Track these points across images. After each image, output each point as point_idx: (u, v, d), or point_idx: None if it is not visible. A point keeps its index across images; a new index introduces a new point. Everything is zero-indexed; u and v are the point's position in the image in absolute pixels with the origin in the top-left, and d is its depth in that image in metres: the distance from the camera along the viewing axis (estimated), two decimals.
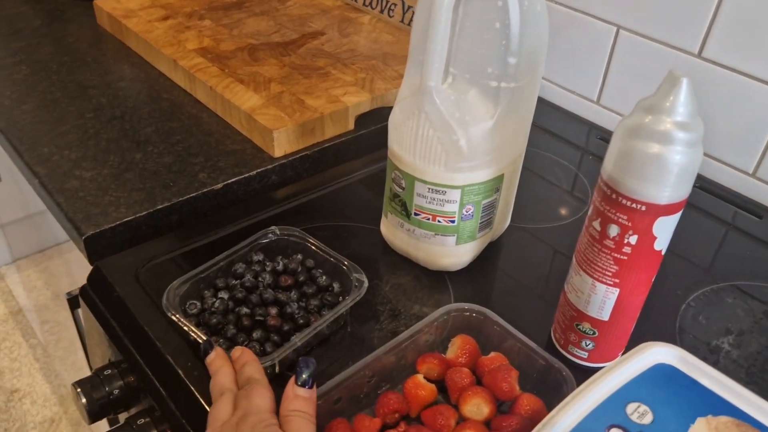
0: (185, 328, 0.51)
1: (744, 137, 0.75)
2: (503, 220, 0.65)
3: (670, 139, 0.43)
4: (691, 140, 0.43)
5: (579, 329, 0.53)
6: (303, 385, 0.44)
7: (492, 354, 0.52)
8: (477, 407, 0.48)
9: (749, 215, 0.74)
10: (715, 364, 0.55)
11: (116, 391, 0.57)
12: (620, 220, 0.46)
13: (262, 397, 0.43)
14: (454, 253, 0.61)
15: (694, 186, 0.78)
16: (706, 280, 0.64)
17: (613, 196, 0.46)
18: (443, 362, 0.52)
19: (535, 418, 0.47)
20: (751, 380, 0.55)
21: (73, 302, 0.69)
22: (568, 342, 0.54)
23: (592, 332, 0.52)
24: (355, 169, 0.78)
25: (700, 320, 0.60)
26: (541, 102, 0.94)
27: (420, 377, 0.50)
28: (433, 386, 0.50)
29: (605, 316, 0.51)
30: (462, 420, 0.48)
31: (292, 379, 0.44)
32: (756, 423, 0.39)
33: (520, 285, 0.63)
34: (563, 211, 0.73)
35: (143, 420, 0.55)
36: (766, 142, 0.74)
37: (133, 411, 0.59)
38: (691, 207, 0.75)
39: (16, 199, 1.49)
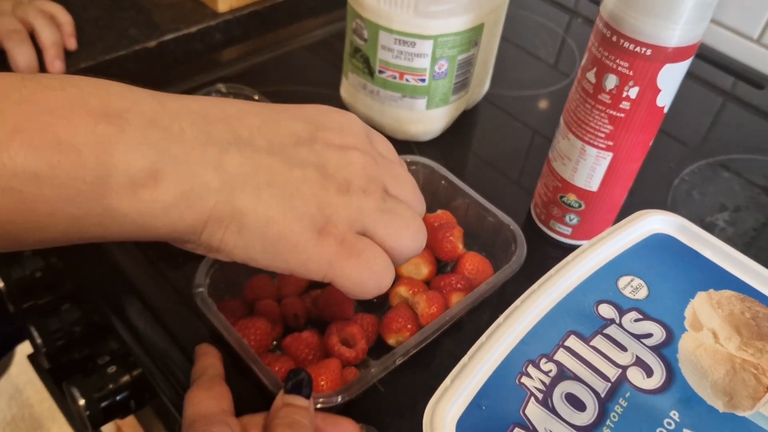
0: None
1: None
2: (481, 83, 0.57)
3: None
4: None
5: (563, 202, 0.47)
6: (293, 392, 0.33)
7: (438, 212, 0.46)
8: (415, 267, 0.43)
9: (749, 86, 0.67)
10: None
11: (38, 274, 0.50)
12: (620, 68, 0.39)
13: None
14: (425, 119, 0.53)
15: None
16: (700, 154, 0.58)
17: (614, 38, 0.38)
18: None
19: (480, 279, 0.42)
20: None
21: None
22: (549, 217, 0.49)
23: (577, 205, 0.46)
24: (312, 28, 0.68)
25: (694, 195, 0.54)
26: None
27: None
28: None
29: (594, 186, 0.45)
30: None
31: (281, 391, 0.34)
32: (762, 297, 0.34)
33: (498, 159, 0.56)
34: (549, 78, 0.65)
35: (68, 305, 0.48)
36: None
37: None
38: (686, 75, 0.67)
39: None
